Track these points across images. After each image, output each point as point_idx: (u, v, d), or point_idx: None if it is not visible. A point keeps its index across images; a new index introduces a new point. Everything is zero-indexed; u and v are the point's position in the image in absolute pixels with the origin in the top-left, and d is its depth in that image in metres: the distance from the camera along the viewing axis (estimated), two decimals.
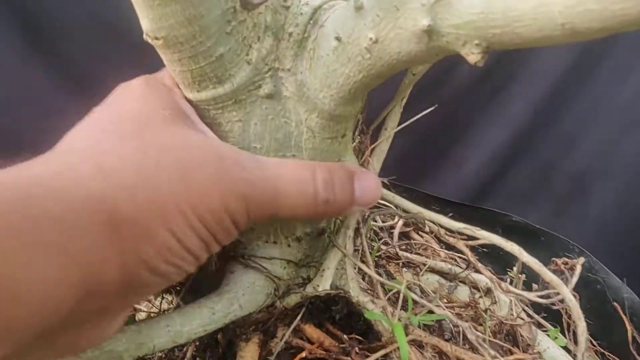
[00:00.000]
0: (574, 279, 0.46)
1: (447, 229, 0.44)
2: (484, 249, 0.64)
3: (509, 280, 0.56)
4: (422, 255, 0.57)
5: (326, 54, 0.33)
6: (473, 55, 0.28)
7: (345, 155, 0.38)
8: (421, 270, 0.54)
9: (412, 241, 0.60)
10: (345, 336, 0.41)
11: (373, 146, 0.42)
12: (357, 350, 0.40)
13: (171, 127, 0.33)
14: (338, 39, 0.32)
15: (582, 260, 0.48)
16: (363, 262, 0.40)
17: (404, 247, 0.58)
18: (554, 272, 0.53)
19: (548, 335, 0.52)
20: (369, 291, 0.42)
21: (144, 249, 0.30)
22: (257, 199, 0.32)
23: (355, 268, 0.42)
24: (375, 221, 0.52)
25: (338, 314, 0.42)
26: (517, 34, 0.27)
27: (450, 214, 0.65)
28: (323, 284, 0.40)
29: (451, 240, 0.44)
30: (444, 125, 0.89)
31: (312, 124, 0.36)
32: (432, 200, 0.64)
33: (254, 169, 0.33)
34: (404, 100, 0.43)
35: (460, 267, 0.53)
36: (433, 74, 0.49)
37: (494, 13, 0.27)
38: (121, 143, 0.31)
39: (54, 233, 0.26)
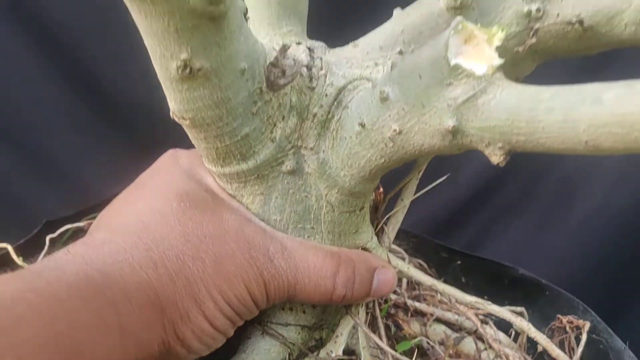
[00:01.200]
0: (580, 349, 0.47)
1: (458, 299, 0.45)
2: None
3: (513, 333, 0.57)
4: (429, 304, 0.58)
5: (349, 137, 0.34)
6: (495, 157, 0.29)
7: (362, 226, 0.39)
8: (429, 320, 0.55)
9: (421, 289, 0.61)
10: None
11: (389, 215, 0.43)
12: None
13: (210, 212, 0.36)
14: (362, 125, 0.33)
15: (587, 325, 0.49)
16: (374, 331, 0.41)
17: (412, 295, 0.58)
18: (558, 329, 0.54)
19: None
20: (380, 356, 0.43)
21: (182, 329, 0.34)
22: (277, 286, 0.36)
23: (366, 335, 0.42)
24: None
25: None
26: (541, 144, 0.27)
27: (459, 262, 0.66)
28: (336, 350, 0.40)
29: (461, 308, 0.45)
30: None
31: (332, 199, 0.36)
32: (441, 248, 0.65)
33: (279, 259, 0.36)
34: (421, 173, 0.43)
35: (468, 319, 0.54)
36: None
37: (519, 121, 0.27)
38: (168, 229, 0.34)
39: (113, 315, 0.30)
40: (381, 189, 0.44)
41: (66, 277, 0.30)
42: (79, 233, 0.53)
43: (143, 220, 0.35)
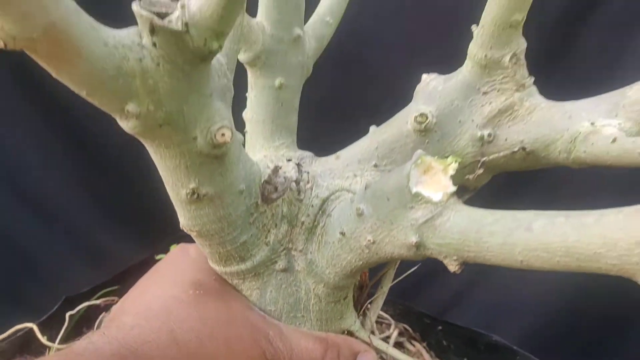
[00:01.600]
0: None
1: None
2: None
3: None
4: None
5: (332, 242, 0.39)
6: (452, 266, 0.35)
7: (346, 312, 0.44)
8: None
9: (404, 350, 0.66)
10: None
11: (370, 300, 0.48)
12: None
13: (221, 300, 0.41)
14: (342, 233, 0.38)
15: None
16: None
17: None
18: None
19: None
20: None
21: None
22: None
23: None
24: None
25: None
26: (487, 259, 0.33)
27: (440, 328, 0.71)
28: None
29: None
30: None
31: (319, 292, 0.42)
32: (424, 315, 0.70)
33: (278, 342, 0.41)
34: (397, 264, 0.49)
35: None
36: None
37: (469, 240, 0.33)
38: (186, 314, 0.39)
39: None
40: (366, 272, 0.49)
41: (105, 358, 0.36)
42: (94, 309, 0.59)
43: (165, 306, 0.40)
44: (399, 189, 0.35)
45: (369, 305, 0.48)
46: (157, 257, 0.57)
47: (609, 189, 0.66)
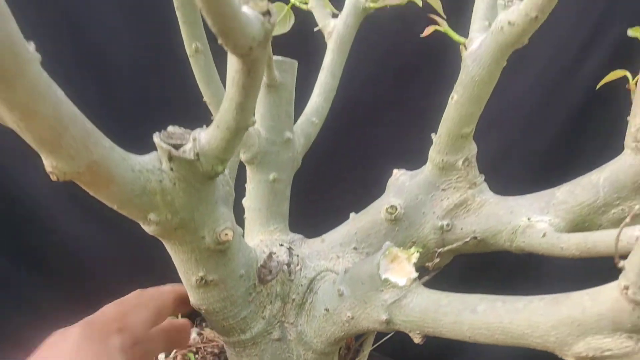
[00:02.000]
0: None
1: None
2: None
3: None
4: None
5: (318, 316, 0.46)
6: (416, 338, 0.42)
7: None
8: None
9: None
10: None
11: None
12: None
13: None
14: (327, 309, 0.46)
15: None
16: None
17: None
18: None
19: None
20: None
21: None
22: None
23: None
24: None
25: None
26: (443, 334, 0.40)
27: None
28: None
29: None
30: None
31: (308, 357, 0.49)
32: None
33: None
34: (375, 332, 0.56)
35: None
36: None
37: (428, 319, 0.40)
38: None
39: None
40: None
41: None
42: None
43: None
44: (371, 275, 0.42)
45: None
46: None
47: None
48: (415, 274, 0.41)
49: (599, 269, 0.37)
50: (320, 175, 0.70)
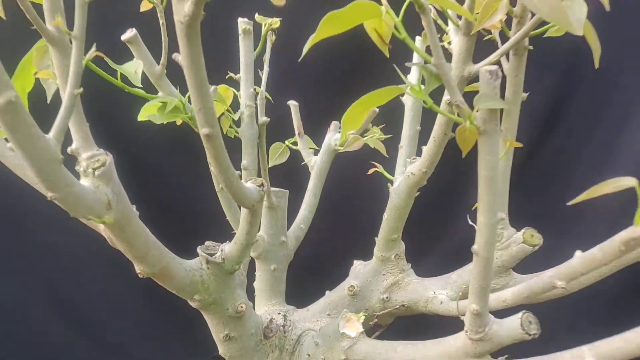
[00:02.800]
0: None
1: None
2: None
3: None
4: None
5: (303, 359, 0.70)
6: None
7: None
8: None
9: None
10: None
11: None
12: None
13: None
14: (308, 355, 0.69)
15: None
16: None
17: None
18: None
19: None
20: None
21: None
22: None
23: None
24: None
25: None
26: None
27: None
28: None
29: None
30: None
31: None
32: None
33: None
34: None
35: None
36: None
37: (367, 357, 0.63)
38: None
39: None
40: None
41: None
42: None
43: None
44: (335, 331, 0.65)
45: None
46: None
47: None
48: (362, 329, 0.64)
49: None
50: (308, 263, 0.94)
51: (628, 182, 0.41)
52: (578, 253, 0.47)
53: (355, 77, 0.92)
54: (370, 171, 0.73)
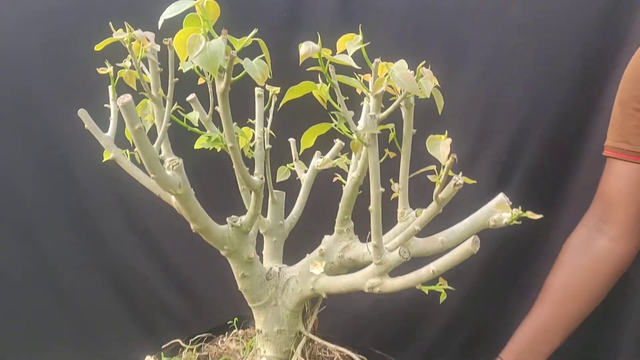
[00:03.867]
0: None
1: None
2: None
3: None
4: None
5: (289, 293, 1.11)
6: (323, 295, 1.06)
7: (299, 323, 1.14)
8: None
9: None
10: None
11: (309, 319, 1.18)
12: None
13: None
14: (292, 289, 1.10)
15: None
16: None
17: None
18: None
19: None
20: None
21: None
22: None
23: None
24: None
25: None
26: (330, 292, 1.04)
27: None
28: None
29: None
30: None
31: (287, 313, 1.12)
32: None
33: None
34: (320, 301, 1.19)
35: None
36: None
37: (325, 287, 1.05)
38: None
39: None
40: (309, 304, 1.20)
41: None
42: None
43: None
44: (307, 272, 1.07)
45: (310, 319, 1.18)
46: None
47: None
48: (322, 270, 1.06)
49: None
50: (297, 239, 1.36)
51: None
52: None
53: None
54: (334, 179, 1.17)
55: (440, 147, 0.79)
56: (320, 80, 0.93)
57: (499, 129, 1.68)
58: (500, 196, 1.01)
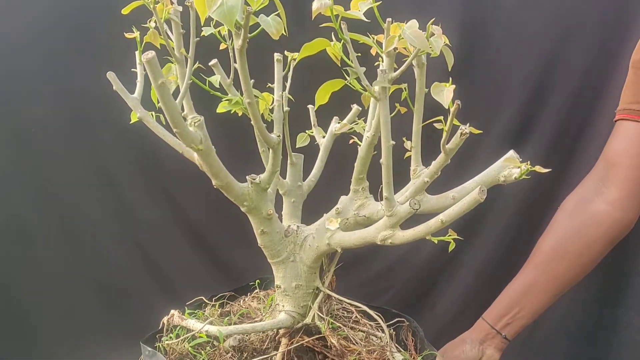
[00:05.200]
0: None
1: None
2: None
3: None
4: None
5: (307, 249, 1.14)
6: (339, 250, 1.09)
7: (316, 278, 1.18)
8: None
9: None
10: None
11: (325, 274, 1.21)
12: None
13: None
14: (310, 245, 1.14)
15: None
16: None
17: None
18: None
19: None
20: None
21: None
22: None
23: None
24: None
25: None
26: (346, 246, 1.08)
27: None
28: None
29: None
30: None
31: (305, 269, 1.15)
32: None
33: None
34: (337, 257, 1.22)
35: None
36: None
37: (341, 242, 1.08)
38: None
39: None
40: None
41: None
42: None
43: None
44: (323, 227, 1.11)
45: (327, 275, 1.21)
46: None
47: None
48: (337, 226, 1.10)
49: None
50: (315, 200, 1.39)
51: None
52: None
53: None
54: (351, 141, 1.20)
55: (445, 93, 0.82)
56: (334, 38, 0.96)
57: (510, 102, 1.71)
58: (511, 152, 1.03)
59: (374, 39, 0.99)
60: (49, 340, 1.76)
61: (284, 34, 0.88)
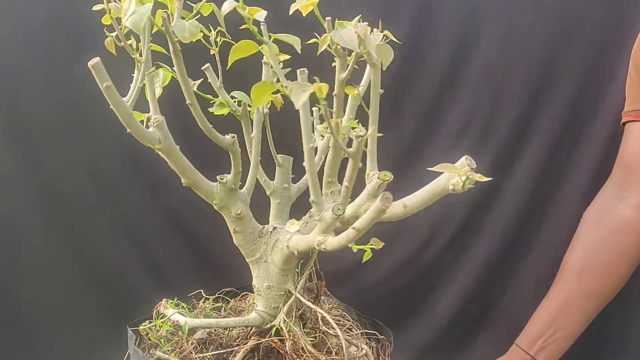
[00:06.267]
0: None
1: None
2: None
3: None
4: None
5: (278, 251, 1.14)
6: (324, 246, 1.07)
7: (288, 281, 1.16)
8: None
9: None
10: None
11: (299, 279, 1.19)
12: None
13: None
14: (281, 248, 1.13)
15: None
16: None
17: None
18: None
19: None
20: None
21: None
22: None
23: None
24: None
25: None
26: (322, 248, 1.05)
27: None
28: None
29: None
30: None
31: (275, 270, 1.15)
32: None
33: None
34: (313, 261, 1.19)
35: None
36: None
37: (298, 244, 1.06)
38: None
39: None
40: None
41: None
42: None
43: None
44: (284, 230, 1.10)
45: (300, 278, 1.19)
46: None
47: None
48: (297, 228, 1.08)
49: None
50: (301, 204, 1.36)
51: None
52: None
53: None
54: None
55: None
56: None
57: (509, 105, 1.61)
58: (462, 159, 0.93)
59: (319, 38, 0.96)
60: (48, 341, 1.73)
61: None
